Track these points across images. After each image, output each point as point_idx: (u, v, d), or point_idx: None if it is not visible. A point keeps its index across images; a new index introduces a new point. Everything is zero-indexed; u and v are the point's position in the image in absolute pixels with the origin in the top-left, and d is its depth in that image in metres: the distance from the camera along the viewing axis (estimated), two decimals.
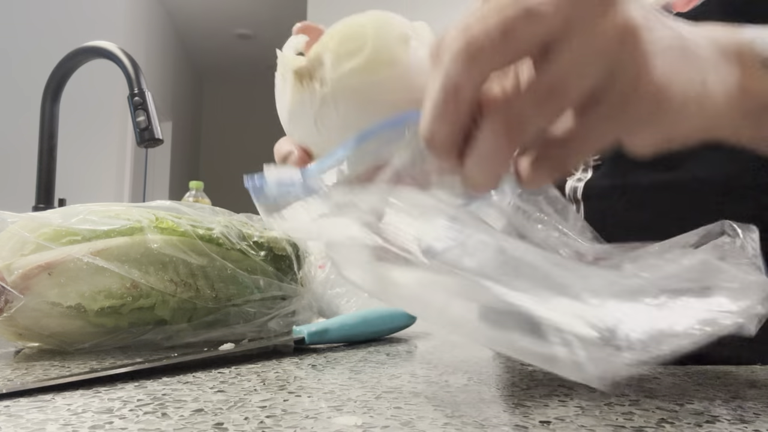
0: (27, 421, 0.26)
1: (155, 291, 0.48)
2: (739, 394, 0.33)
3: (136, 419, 0.27)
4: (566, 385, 0.35)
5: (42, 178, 1.01)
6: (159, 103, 4.44)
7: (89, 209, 0.49)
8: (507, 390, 0.34)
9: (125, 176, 3.66)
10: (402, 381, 0.36)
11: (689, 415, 0.28)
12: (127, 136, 3.69)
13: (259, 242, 0.56)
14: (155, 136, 0.90)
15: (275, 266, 0.56)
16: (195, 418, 0.27)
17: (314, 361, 0.43)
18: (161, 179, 4.80)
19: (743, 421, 0.27)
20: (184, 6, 4.65)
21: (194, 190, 1.51)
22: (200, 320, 0.50)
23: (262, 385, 0.34)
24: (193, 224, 0.52)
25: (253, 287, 0.54)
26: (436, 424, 0.26)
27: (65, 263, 0.44)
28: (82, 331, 0.46)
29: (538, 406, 0.30)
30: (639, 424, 0.27)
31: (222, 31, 5.12)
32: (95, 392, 0.32)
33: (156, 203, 0.55)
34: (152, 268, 0.48)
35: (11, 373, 0.38)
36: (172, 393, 0.32)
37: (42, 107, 1.00)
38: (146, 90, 0.91)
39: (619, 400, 0.31)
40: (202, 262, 0.51)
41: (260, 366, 0.40)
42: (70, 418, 0.27)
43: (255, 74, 6.30)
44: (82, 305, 0.45)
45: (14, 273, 0.43)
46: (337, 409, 0.29)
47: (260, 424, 0.26)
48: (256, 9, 4.68)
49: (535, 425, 0.26)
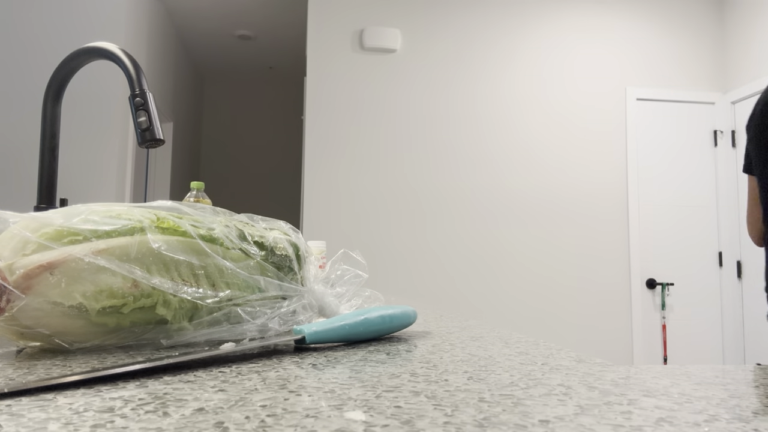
0: (29, 420, 0.26)
1: (156, 291, 0.48)
2: (738, 393, 0.33)
3: (138, 418, 0.27)
4: (565, 384, 0.35)
5: (44, 178, 1.01)
6: (160, 104, 4.44)
7: (91, 209, 0.49)
8: (507, 390, 0.34)
9: (126, 176, 3.66)
10: (402, 380, 0.36)
11: (688, 414, 0.28)
12: (129, 137, 3.70)
13: (259, 242, 0.56)
14: (156, 137, 0.90)
15: (276, 266, 0.57)
16: (196, 417, 0.27)
17: (315, 360, 0.43)
18: (162, 179, 4.80)
19: (742, 420, 0.27)
20: (185, 7, 4.65)
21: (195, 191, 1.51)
22: (201, 320, 0.50)
23: (262, 384, 0.34)
24: (194, 224, 0.53)
25: (253, 287, 0.54)
26: (436, 424, 0.26)
27: (67, 263, 0.45)
28: (84, 330, 0.46)
29: (538, 405, 0.30)
30: (638, 423, 0.27)
31: (223, 32, 5.13)
32: (97, 391, 0.32)
33: (157, 203, 0.55)
34: (153, 268, 0.48)
35: (13, 372, 0.38)
36: (174, 392, 0.32)
37: (44, 108, 1.00)
38: (147, 91, 0.91)
39: (618, 399, 0.31)
40: (203, 261, 0.51)
41: (261, 365, 0.41)
42: (71, 417, 0.27)
43: (255, 75, 6.30)
44: (84, 305, 0.45)
45: (16, 273, 0.44)
46: (338, 408, 0.29)
47: (261, 423, 0.26)
48: (256, 10, 4.69)
49: (535, 424, 0.26)
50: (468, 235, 3.69)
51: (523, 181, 3.77)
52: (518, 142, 3.80)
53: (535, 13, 3.92)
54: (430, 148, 3.73)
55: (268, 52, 5.60)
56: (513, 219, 3.74)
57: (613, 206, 3.83)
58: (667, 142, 3.93)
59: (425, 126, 3.74)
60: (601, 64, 3.94)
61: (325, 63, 3.71)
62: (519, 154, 3.79)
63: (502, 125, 3.80)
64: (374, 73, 3.74)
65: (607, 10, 3.99)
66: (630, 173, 3.86)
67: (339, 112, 3.68)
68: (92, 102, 3.46)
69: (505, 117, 3.81)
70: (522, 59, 3.87)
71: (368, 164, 3.67)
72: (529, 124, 3.82)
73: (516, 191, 3.76)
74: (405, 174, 3.69)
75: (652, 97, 3.95)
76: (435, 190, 3.70)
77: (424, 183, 3.70)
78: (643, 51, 4.00)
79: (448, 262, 3.65)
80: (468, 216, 3.70)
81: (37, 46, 3.46)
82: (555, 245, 3.75)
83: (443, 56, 3.81)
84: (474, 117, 3.78)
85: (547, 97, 3.86)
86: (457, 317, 0.78)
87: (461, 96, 3.79)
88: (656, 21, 4.04)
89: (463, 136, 3.76)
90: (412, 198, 3.67)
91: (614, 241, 3.80)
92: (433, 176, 3.71)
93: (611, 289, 3.76)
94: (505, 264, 3.69)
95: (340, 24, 3.75)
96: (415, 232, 3.65)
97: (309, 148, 3.64)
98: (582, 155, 3.85)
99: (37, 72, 3.41)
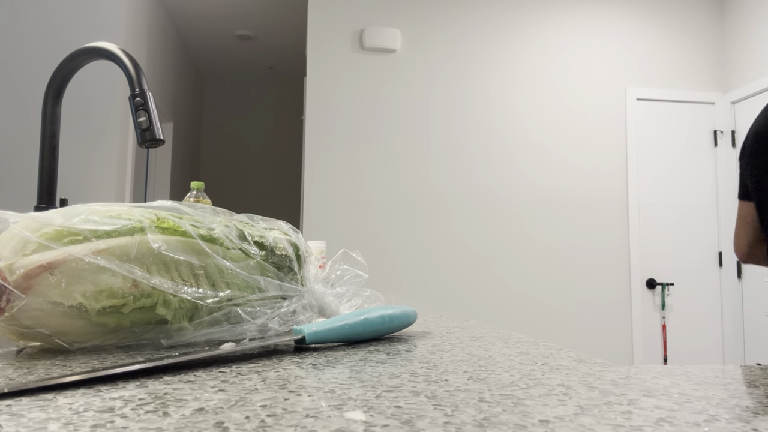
0: (29, 420, 0.26)
1: (156, 291, 0.48)
2: (738, 393, 0.33)
3: (138, 418, 0.27)
4: (565, 384, 0.35)
5: (44, 178, 1.01)
6: (160, 104, 4.44)
7: (91, 209, 0.49)
8: (507, 390, 0.34)
9: (126, 176, 3.66)
10: (402, 380, 0.36)
11: (688, 414, 0.28)
12: (129, 137, 3.70)
13: (259, 242, 0.56)
14: (156, 137, 0.90)
15: (276, 266, 0.57)
16: (196, 417, 0.27)
17: (315, 360, 0.43)
18: (162, 179, 4.80)
19: (742, 420, 0.27)
20: (185, 7, 4.65)
21: (195, 191, 1.51)
22: (201, 320, 0.50)
23: (262, 384, 0.34)
24: (194, 224, 0.53)
25: (253, 287, 0.54)
26: (436, 424, 0.26)
27: (67, 263, 0.45)
28: (84, 330, 0.46)
29: (538, 405, 0.30)
30: (638, 423, 0.27)
31: (223, 32, 5.13)
32: (97, 391, 0.32)
33: (157, 203, 0.55)
34: (153, 268, 0.48)
35: (13, 372, 0.38)
36: (174, 392, 0.32)
37: (43, 108, 1.00)
38: (147, 91, 0.91)
39: (618, 399, 0.31)
40: (203, 261, 0.51)
41: (261, 365, 0.41)
42: (71, 417, 0.27)
43: (255, 75, 6.30)
44: (84, 305, 0.45)
45: (16, 273, 0.44)
46: (338, 408, 0.29)
47: (261, 423, 0.26)
48: (256, 10, 4.69)
49: (535, 424, 0.26)
50: (468, 235, 3.69)
51: (524, 180, 3.77)
52: (518, 142, 3.80)
53: (535, 13, 3.92)
54: (430, 148, 3.73)
55: (268, 53, 5.60)
56: (513, 219, 3.74)
57: (613, 206, 3.83)
58: (667, 142, 3.93)
59: (425, 126, 3.74)
60: (601, 64, 3.94)
61: (325, 63, 3.71)
62: (519, 154, 3.79)
63: (502, 125, 3.80)
64: (374, 73, 3.74)
65: (607, 10, 3.99)
66: (630, 173, 3.86)
67: (339, 112, 3.68)
68: (92, 102, 3.46)
69: (506, 117, 3.81)
70: (522, 59, 3.87)
71: (368, 164, 3.67)
72: (529, 124, 3.82)
73: (516, 191, 3.76)
74: (405, 174, 3.69)
75: (652, 97, 3.95)
76: (435, 190, 3.70)
77: (425, 183, 3.70)
78: (643, 51, 4.00)
79: (449, 262, 3.65)
80: (468, 216, 3.70)
81: (37, 46, 3.46)
82: (555, 245, 3.75)
83: (443, 56, 3.81)
84: (474, 117, 3.78)
85: (547, 96, 3.86)
86: (457, 317, 0.78)
87: (461, 96, 3.79)
88: (656, 21, 4.04)
89: (463, 136, 3.76)
90: (412, 198, 3.67)
91: (614, 240, 3.80)
92: (434, 176, 3.71)
93: (611, 289, 3.76)
94: (506, 264, 3.69)
95: (340, 24, 3.75)
96: (416, 232, 3.65)
97: (309, 148, 3.64)
98: (582, 155, 3.85)
99: (37, 72, 3.41)
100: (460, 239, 3.68)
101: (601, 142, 3.87)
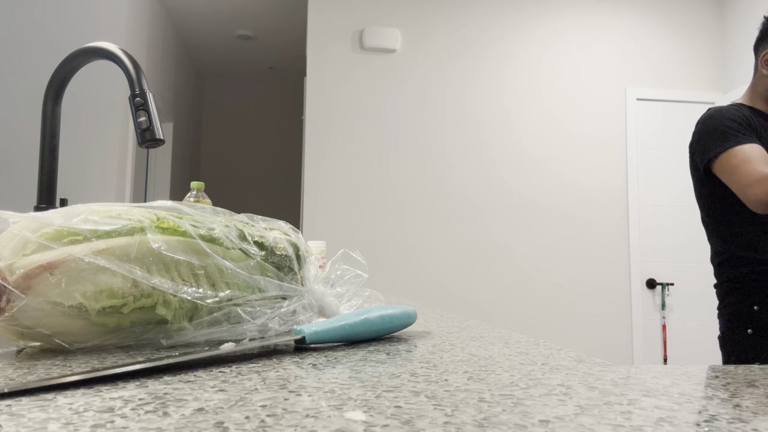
0: (29, 420, 0.26)
1: (156, 291, 0.48)
2: (738, 393, 0.33)
3: (138, 418, 0.27)
4: (565, 384, 0.35)
5: (44, 178, 1.01)
6: (160, 104, 4.44)
7: (91, 209, 0.49)
8: (507, 390, 0.34)
9: (126, 176, 3.66)
10: (402, 380, 0.36)
11: (688, 414, 0.28)
12: (129, 137, 3.70)
13: (259, 242, 0.56)
14: (156, 137, 0.90)
15: (276, 266, 0.57)
16: (196, 417, 0.27)
17: (315, 360, 0.43)
18: (162, 179, 4.80)
19: (741, 420, 0.27)
20: (185, 7, 4.65)
21: (195, 191, 1.51)
22: (201, 320, 0.50)
23: (262, 384, 0.34)
24: (194, 224, 0.53)
25: (253, 287, 0.54)
26: (436, 424, 0.26)
27: (67, 263, 0.45)
28: (84, 330, 0.46)
29: (538, 405, 0.30)
30: (638, 423, 0.27)
31: (223, 32, 5.13)
32: (97, 391, 0.32)
33: (157, 203, 0.55)
34: (153, 268, 0.48)
35: (13, 372, 0.38)
36: (174, 392, 0.32)
37: (44, 108, 1.00)
38: (147, 91, 0.91)
39: (618, 399, 0.31)
40: (203, 261, 0.51)
41: (261, 365, 0.41)
42: (71, 417, 0.27)
43: (255, 75, 6.30)
44: (84, 305, 0.45)
45: (16, 273, 0.44)
46: (338, 408, 0.29)
47: (261, 423, 0.26)
48: (256, 10, 4.69)
49: (535, 424, 0.26)
50: (468, 235, 3.69)
51: (524, 180, 3.77)
52: (518, 142, 3.80)
53: (535, 13, 3.92)
54: (430, 148, 3.73)
55: (268, 52, 5.60)
56: (513, 219, 3.74)
57: (613, 206, 3.83)
58: (667, 142, 3.93)
59: (425, 126, 3.74)
60: (600, 63, 3.94)
61: (325, 63, 3.71)
62: (519, 154, 3.79)
63: (502, 125, 3.80)
64: (374, 73, 3.74)
65: (606, 9, 3.99)
66: (630, 173, 3.86)
67: (339, 112, 3.68)
68: (92, 102, 3.46)
69: (506, 117, 3.81)
70: (522, 59, 3.87)
71: (368, 164, 3.67)
72: (529, 124, 3.82)
73: (517, 191, 3.76)
74: (405, 174, 3.69)
75: (652, 97, 3.95)
76: (435, 190, 3.70)
77: (425, 183, 3.70)
78: (643, 51, 4.00)
79: (449, 263, 3.65)
80: (468, 216, 3.70)
81: (37, 46, 3.46)
82: (554, 246, 3.75)
83: (443, 56, 3.80)
84: (474, 117, 3.78)
85: (547, 97, 3.86)
86: (457, 317, 0.78)
87: (461, 96, 3.79)
88: (656, 21, 4.03)
89: (463, 136, 3.76)
90: (412, 198, 3.67)
91: (614, 240, 3.80)
92: (433, 176, 3.71)
93: (611, 288, 3.76)
94: (506, 264, 3.69)
95: (340, 24, 3.75)
96: (416, 232, 3.65)
97: (309, 148, 3.64)
98: (582, 155, 3.85)
99: (37, 72, 3.41)
100: (461, 239, 3.68)
101: (601, 143, 3.87)
